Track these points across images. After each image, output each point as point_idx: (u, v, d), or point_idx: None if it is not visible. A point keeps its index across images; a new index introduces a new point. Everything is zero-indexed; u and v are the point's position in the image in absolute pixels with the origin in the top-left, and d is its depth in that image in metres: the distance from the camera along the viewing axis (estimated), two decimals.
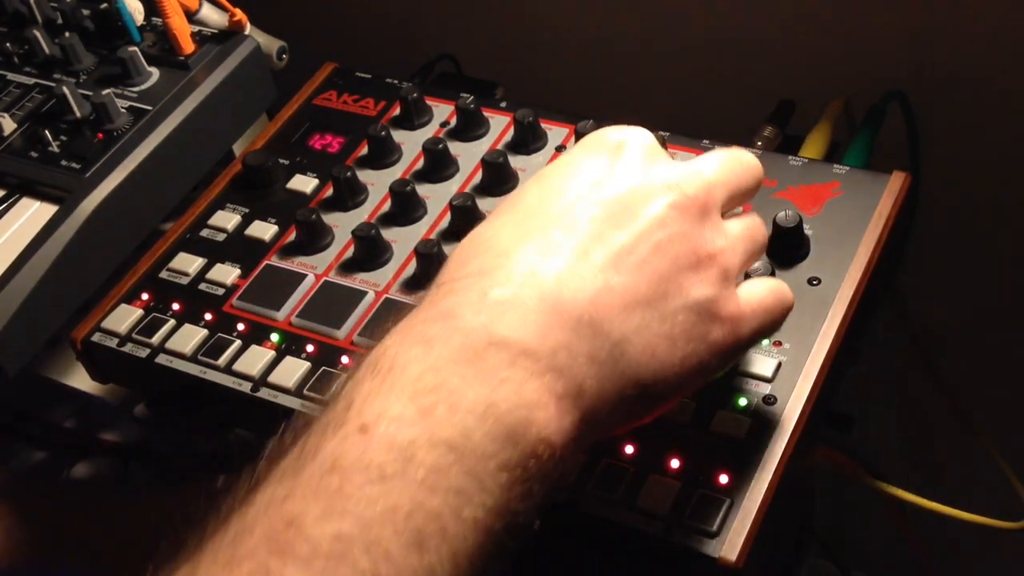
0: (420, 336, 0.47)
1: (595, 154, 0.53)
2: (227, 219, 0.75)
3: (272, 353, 0.66)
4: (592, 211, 0.50)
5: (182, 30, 0.81)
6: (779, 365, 0.60)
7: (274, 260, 0.72)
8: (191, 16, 0.83)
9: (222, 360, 0.67)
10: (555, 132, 0.75)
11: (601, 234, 0.50)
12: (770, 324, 0.54)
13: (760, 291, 0.54)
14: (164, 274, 0.73)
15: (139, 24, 0.84)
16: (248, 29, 0.84)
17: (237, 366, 0.66)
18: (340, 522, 0.42)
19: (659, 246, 0.50)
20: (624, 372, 0.48)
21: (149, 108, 0.79)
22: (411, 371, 0.46)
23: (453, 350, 0.46)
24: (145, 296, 0.72)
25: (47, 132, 0.78)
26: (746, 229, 0.54)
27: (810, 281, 0.63)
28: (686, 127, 0.73)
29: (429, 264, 0.68)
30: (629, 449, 0.58)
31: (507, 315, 0.47)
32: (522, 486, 0.46)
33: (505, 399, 0.46)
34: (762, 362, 0.60)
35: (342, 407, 0.46)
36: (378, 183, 0.74)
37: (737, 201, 0.55)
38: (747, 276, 0.60)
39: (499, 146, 0.75)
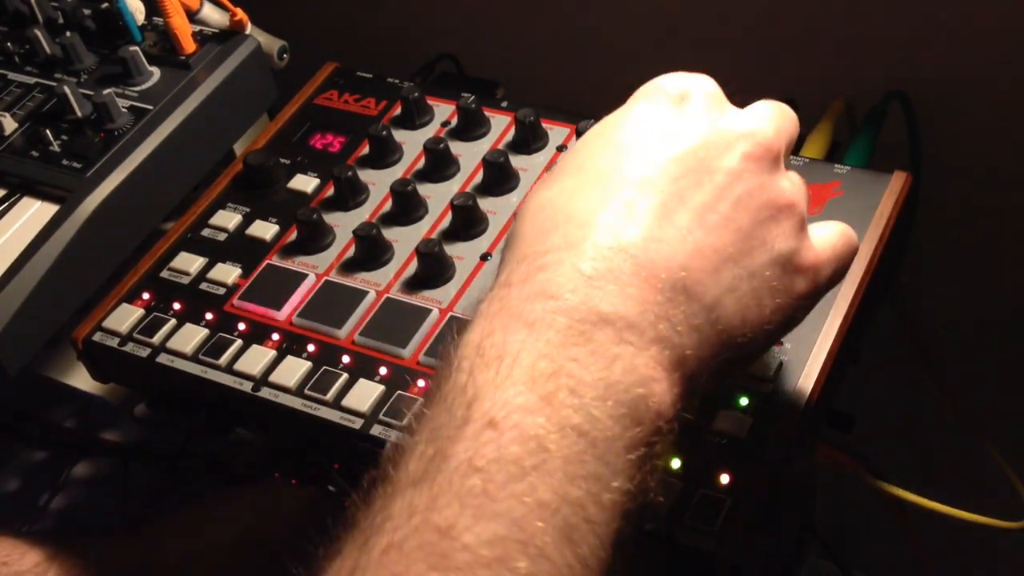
0: (522, 318, 0.46)
1: (658, 105, 0.52)
2: (228, 219, 0.75)
3: (273, 353, 0.66)
4: (667, 169, 0.49)
5: (183, 30, 0.81)
6: (780, 364, 0.60)
7: (275, 259, 0.72)
8: (192, 16, 0.83)
9: (223, 360, 0.67)
10: (556, 132, 0.75)
11: (680, 193, 0.49)
12: (842, 269, 0.54)
13: (831, 236, 0.53)
14: (165, 274, 0.73)
15: (140, 24, 0.84)
16: (249, 29, 0.84)
17: (238, 366, 0.66)
18: (493, 525, 0.41)
19: (739, 200, 0.49)
20: (720, 336, 0.48)
21: (150, 108, 0.79)
22: (524, 359, 0.45)
23: (559, 332, 0.45)
24: (146, 296, 0.72)
25: (48, 132, 0.78)
26: (801, 177, 0.53)
27: None
28: None
29: (430, 264, 0.68)
30: None
31: (605, 290, 0.46)
32: (650, 463, 0.45)
33: (621, 379, 0.45)
34: (763, 362, 0.60)
35: (461, 403, 0.44)
36: (379, 183, 0.74)
37: (789, 151, 0.54)
38: None
39: (500, 146, 0.75)
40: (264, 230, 0.74)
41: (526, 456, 0.42)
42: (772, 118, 0.52)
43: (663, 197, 0.49)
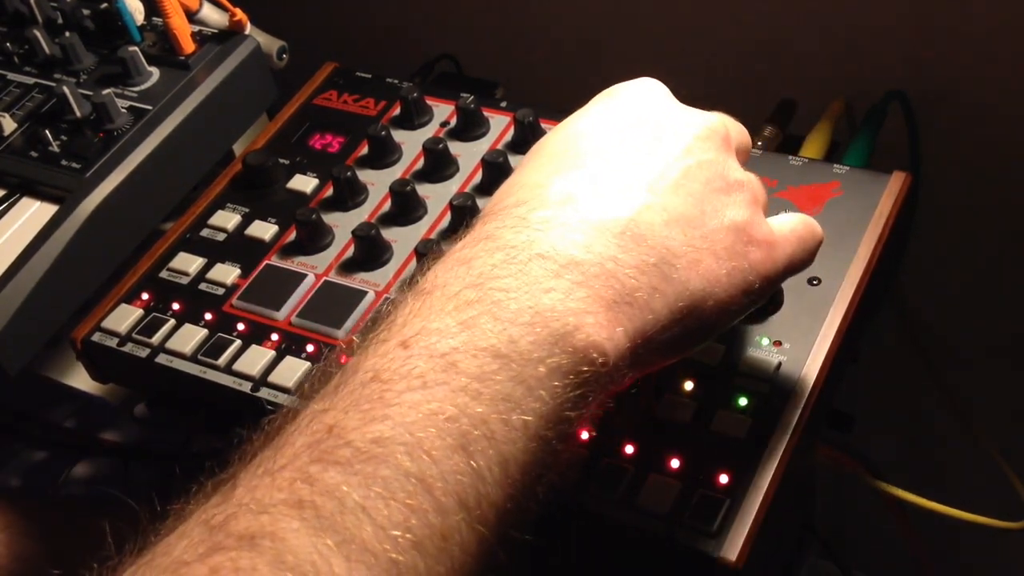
0: (460, 259, 0.48)
1: (614, 102, 0.55)
2: (227, 219, 0.75)
3: (272, 353, 0.66)
4: (621, 144, 0.52)
5: (182, 30, 0.81)
6: (779, 365, 0.60)
7: (274, 260, 0.72)
8: (191, 16, 0.83)
9: (222, 360, 0.67)
10: None
11: (632, 163, 0.51)
12: (803, 253, 0.55)
13: (791, 221, 0.55)
14: (164, 274, 0.73)
15: (139, 24, 0.84)
16: (248, 29, 0.83)
17: (237, 366, 0.66)
18: (380, 426, 0.43)
19: (690, 170, 0.51)
20: (673, 284, 0.49)
21: (149, 108, 0.79)
22: (452, 288, 0.46)
23: (494, 266, 0.47)
24: (145, 296, 0.72)
25: (47, 132, 0.78)
26: (756, 177, 0.55)
27: (810, 281, 0.63)
28: None
29: None
30: (629, 449, 0.58)
31: (550, 232, 0.48)
32: (575, 392, 0.46)
33: (551, 308, 0.46)
34: (762, 362, 0.60)
35: (383, 328, 0.47)
36: (378, 183, 0.74)
37: (740, 157, 0.56)
38: None
39: (499, 146, 0.75)
40: (263, 230, 0.74)
41: (430, 372, 0.44)
42: (721, 117, 0.55)
43: (615, 165, 0.51)
